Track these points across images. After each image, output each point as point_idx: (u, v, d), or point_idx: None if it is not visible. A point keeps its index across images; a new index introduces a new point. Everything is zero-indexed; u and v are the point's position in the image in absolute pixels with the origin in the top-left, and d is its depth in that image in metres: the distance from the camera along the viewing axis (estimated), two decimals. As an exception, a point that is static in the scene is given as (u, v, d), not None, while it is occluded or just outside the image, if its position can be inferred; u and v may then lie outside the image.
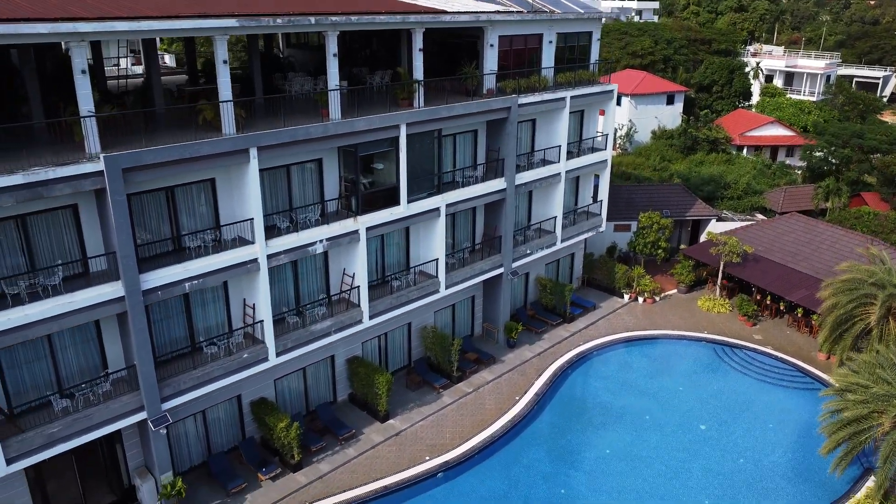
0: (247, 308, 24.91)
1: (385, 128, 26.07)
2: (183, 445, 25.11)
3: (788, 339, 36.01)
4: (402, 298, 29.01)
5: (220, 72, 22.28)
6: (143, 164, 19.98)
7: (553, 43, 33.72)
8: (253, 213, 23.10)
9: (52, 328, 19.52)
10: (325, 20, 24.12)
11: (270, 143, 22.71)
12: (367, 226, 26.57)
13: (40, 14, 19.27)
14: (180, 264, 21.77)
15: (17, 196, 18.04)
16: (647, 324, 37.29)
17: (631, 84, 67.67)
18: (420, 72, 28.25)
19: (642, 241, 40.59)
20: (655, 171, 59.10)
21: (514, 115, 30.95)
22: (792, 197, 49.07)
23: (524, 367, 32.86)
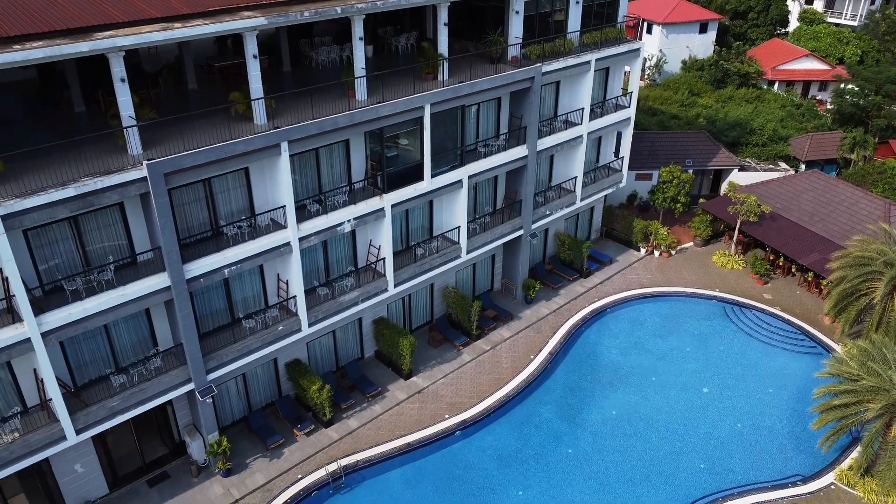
0: (280, 283, 26.73)
1: (410, 109, 26.75)
2: (226, 403, 27.70)
3: (798, 299, 37.25)
4: (425, 266, 30.60)
5: (250, 65, 23.03)
6: (182, 168, 21.24)
7: (580, 3, 33.32)
8: (285, 201, 24.45)
9: (108, 318, 21.53)
10: (351, 8, 24.43)
11: (300, 137, 23.72)
12: (392, 203, 27.83)
13: (76, 19, 20.07)
14: (219, 252, 23.42)
15: (70, 207, 19.57)
16: (661, 279, 38.67)
17: (663, 12, 65.61)
18: (445, 45, 28.58)
19: (661, 196, 41.24)
20: (682, 108, 58.47)
21: (538, 84, 31.22)
22: (818, 144, 48.74)
23: (540, 325, 34.73)
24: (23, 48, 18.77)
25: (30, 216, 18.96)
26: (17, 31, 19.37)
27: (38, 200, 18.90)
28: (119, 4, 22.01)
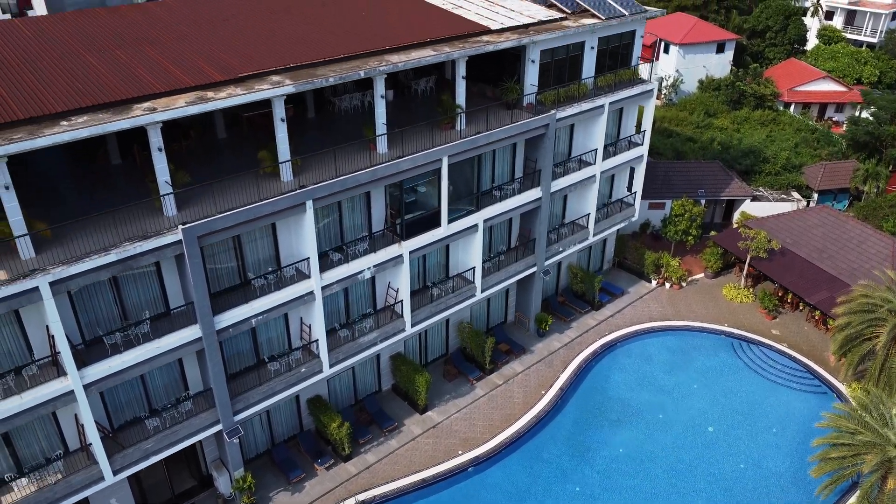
0: (303, 326, 28.13)
1: (428, 162, 27.95)
2: (250, 437, 29.19)
3: (805, 335, 38.07)
4: (441, 305, 31.85)
5: (277, 128, 24.36)
6: (215, 230, 22.64)
7: (595, 48, 34.28)
8: (309, 252, 25.80)
9: (144, 369, 23.05)
10: (374, 70, 25.66)
11: (324, 195, 25.03)
12: (410, 250, 29.09)
13: (117, 91, 21.49)
14: (247, 304, 24.84)
15: (111, 270, 21.03)
16: (671, 312, 39.64)
17: (680, 32, 66.12)
18: (462, 97, 29.75)
19: (673, 229, 42.14)
20: (698, 129, 59.20)
21: (553, 130, 32.27)
22: (831, 173, 49.30)
23: (551, 359, 35.89)
24: (69, 124, 20.27)
25: (75, 281, 20.46)
26: (63, 107, 20.85)
27: (83, 267, 20.38)
28: (156, 72, 23.42)
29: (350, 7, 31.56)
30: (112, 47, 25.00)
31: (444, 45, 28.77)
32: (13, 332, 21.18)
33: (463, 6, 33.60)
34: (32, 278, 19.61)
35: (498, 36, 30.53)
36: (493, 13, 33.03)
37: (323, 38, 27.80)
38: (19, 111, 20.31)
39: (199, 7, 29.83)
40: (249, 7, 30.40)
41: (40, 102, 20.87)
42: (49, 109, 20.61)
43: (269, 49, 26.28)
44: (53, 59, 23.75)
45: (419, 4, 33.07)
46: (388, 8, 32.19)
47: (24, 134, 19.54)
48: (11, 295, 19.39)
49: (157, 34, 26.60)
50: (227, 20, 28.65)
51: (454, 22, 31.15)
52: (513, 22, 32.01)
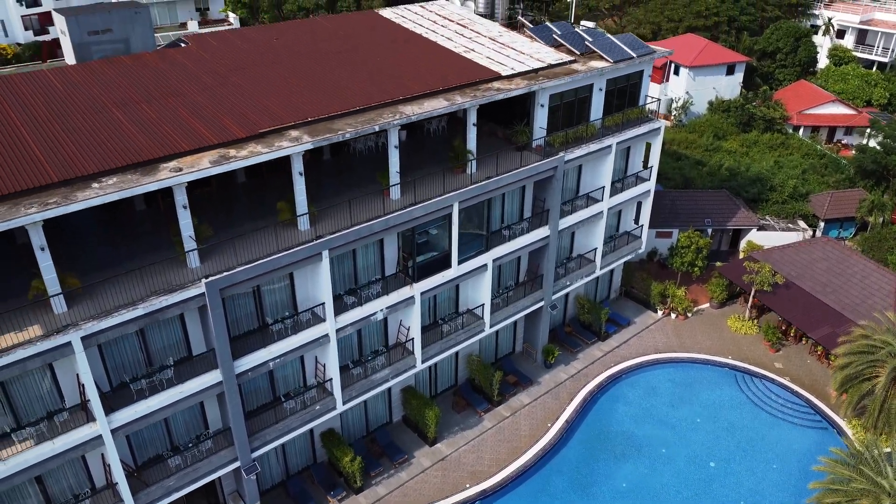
0: (318, 365, 29.25)
1: (440, 208, 28.97)
2: (266, 469, 30.32)
3: (808, 369, 38.80)
4: (451, 342, 32.90)
5: (296, 181, 25.47)
6: (236, 282, 23.78)
7: (603, 90, 35.16)
8: (324, 298, 26.91)
9: (168, 413, 24.24)
10: (388, 124, 26.72)
11: (340, 244, 26.13)
12: (421, 291, 30.14)
13: (144, 151, 22.67)
14: (265, 348, 25.98)
15: (139, 323, 22.22)
16: (676, 343, 40.46)
17: (690, 54, 66.72)
18: (473, 143, 30.75)
19: (679, 260, 42.94)
20: (707, 152, 59.88)
21: (561, 172, 33.20)
22: (838, 202, 49.85)
23: (558, 391, 36.84)
24: (100, 186, 21.47)
25: (104, 334, 21.66)
26: (94, 169, 22.07)
27: (112, 321, 21.57)
28: (180, 129, 24.59)
29: (365, 53, 32.60)
30: (138, 101, 26.19)
31: (455, 94, 29.77)
32: (46, 380, 22.42)
33: (475, 49, 34.58)
34: (65, 334, 20.82)
35: (508, 82, 31.50)
36: (503, 56, 33.98)
37: (339, 88, 28.85)
38: (54, 174, 21.55)
39: (218, 54, 30.97)
40: (266, 54, 31.49)
41: (73, 164, 22.07)
42: (81, 171, 21.83)
43: (288, 101, 27.37)
44: (84, 114, 24.97)
45: (432, 49, 34.06)
46: (401, 53, 33.19)
47: (59, 198, 20.76)
48: (46, 350, 20.61)
49: (180, 85, 27.78)
50: (245, 69, 29.76)
51: (466, 68, 32.10)
52: (523, 67, 32.94)
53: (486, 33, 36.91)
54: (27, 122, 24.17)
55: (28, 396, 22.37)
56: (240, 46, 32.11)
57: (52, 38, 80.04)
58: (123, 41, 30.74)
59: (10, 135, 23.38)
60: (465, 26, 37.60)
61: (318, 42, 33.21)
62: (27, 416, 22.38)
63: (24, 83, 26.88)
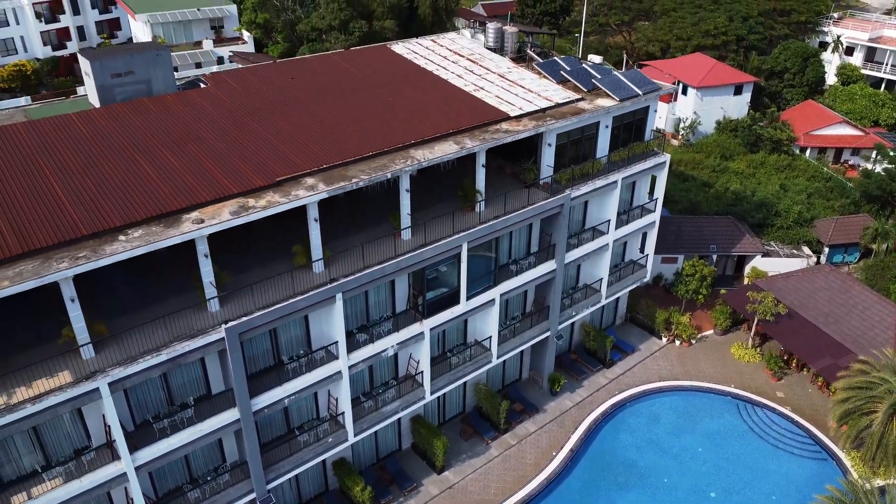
0: (331, 398, 30.34)
1: (450, 249, 29.97)
2: (279, 498, 31.34)
3: (809, 398, 39.56)
4: (459, 373, 33.92)
5: (311, 227, 26.54)
6: (254, 327, 24.90)
7: (609, 127, 36.02)
8: (337, 337, 28.01)
9: (189, 450, 25.41)
10: (399, 171, 27.77)
11: (353, 287, 27.20)
12: (430, 327, 31.18)
13: (168, 201, 23.80)
14: (281, 386, 27.09)
15: (162, 368, 23.38)
16: (679, 371, 41.31)
17: (698, 75, 67.41)
18: (482, 183, 31.72)
19: (684, 288, 43.77)
20: (714, 173, 60.60)
21: (567, 209, 34.13)
22: (842, 228, 50.49)
23: (563, 418, 37.78)
24: (126, 239, 22.64)
25: (130, 380, 22.82)
26: (120, 221, 23.23)
27: (137, 367, 22.73)
28: (202, 178, 25.72)
29: (378, 93, 33.60)
30: (161, 148, 27.34)
31: (465, 137, 30.76)
32: (74, 421, 23.61)
33: (484, 87, 35.55)
34: (93, 380, 22.00)
35: (517, 123, 32.46)
36: (512, 95, 34.92)
37: (352, 132, 29.88)
38: (84, 227, 22.72)
39: (235, 95, 32.05)
40: (281, 94, 32.56)
41: (101, 216, 23.24)
42: (108, 224, 22.99)
43: (303, 146, 28.43)
44: (110, 163, 26.16)
45: (442, 87, 35.04)
46: (413, 93, 34.15)
47: (88, 251, 21.94)
48: (75, 396, 21.80)
49: (200, 130, 28.91)
50: (262, 112, 30.82)
51: (475, 108, 33.05)
52: (531, 106, 33.87)
53: (495, 69, 37.87)
54: (57, 172, 25.37)
55: (57, 436, 23.59)
56: (256, 87, 33.20)
57: (70, 52, 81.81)
58: (145, 82, 31.83)
59: (41, 185, 24.58)
60: (474, 62, 38.58)
61: (331, 82, 34.25)
62: (56, 455, 23.57)
63: (53, 130, 28.11)
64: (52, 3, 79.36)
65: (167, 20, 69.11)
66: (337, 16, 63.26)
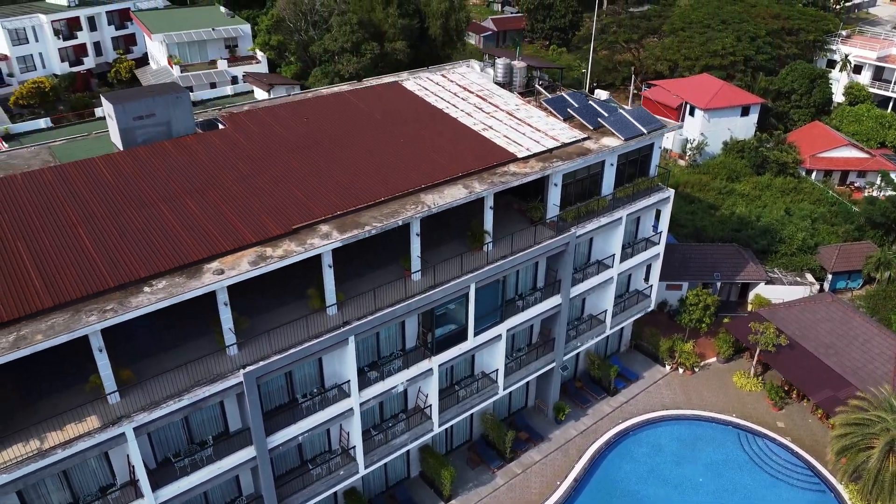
0: (342, 432, 31.49)
1: (458, 289, 31.04)
2: (292, 527, 32.70)
3: (809, 429, 40.38)
4: (467, 405, 35.00)
5: (325, 273, 27.68)
6: (271, 371, 26.07)
7: (614, 165, 36.97)
8: (349, 376, 29.14)
9: (207, 487, 26.62)
10: (410, 218, 28.85)
11: (365, 330, 28.33)
12: (439, 363, 32.27)
13: (190, 252, 24.98)
14: (295, 424, 28.27)
15: (184, 412, 24.58)
16: (682, 400, 42.22)
17: (705, 96, 68.14)
18: (490, 224, 32.77)
19: (688, 317, 44.66)
20: (720, 195, 61.37)
21: (573, 247, 35.13)
22: (846, 255, 51.16)
23: (567, 447, 38.79)
24: (151, 291, 23.85)
25: (153, 424, 24.03)
26: (145, 272, 24.45)
27: (160, 412, 23.95)
28: (222, 227, 26.90)
29: (389, 134, 34.65)
30: (182, 194, 28.56)
31: (474, 180, 31.79)
32: (100, 461, 24.86)
33: (492, 126, 36.58)
34: (119, 426, 23.22)
35: (524, 164, 33.48)
36: (519, 134, 35.90)
37: (364, 177, 30.93)
38: (110, 279, 23.95)
39: (252, 137, 33.22)
40: (295, 135, 33.68)
41: (127, 268, 24.45)
42: (134, 276, 24.21)
43: (317, 192, 29.54)
44: (134, 210, 27.38)
45: (452, 126, 36.08)
46: (423, 134, 35.13)
47: (115, 304, 23.16)
48: (102, 441, 23.03)
49: (218, 174, 30.11)
50: (277, 155, 31.96)
51: (484, 149, 34.07)
52: (538, 147, 34.88)
53: (503, 107, 38.89)
54: (84, 221, 26.61)
55: (83, 475, 24.82)
56: (272, 128, 34.33)
57: (87, 68, 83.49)
58: (165, 124, 33.02)
59: (70, 235, 25.80)
60: (483, 98, 39.60)
61: (344, 123, 35.35)
62: (83, 494, 24.81)
63: (79, 175, 29.37)
64: (71, 21, 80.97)
65: (182, 40, 70.45)
66: (349, 38, 64.42)
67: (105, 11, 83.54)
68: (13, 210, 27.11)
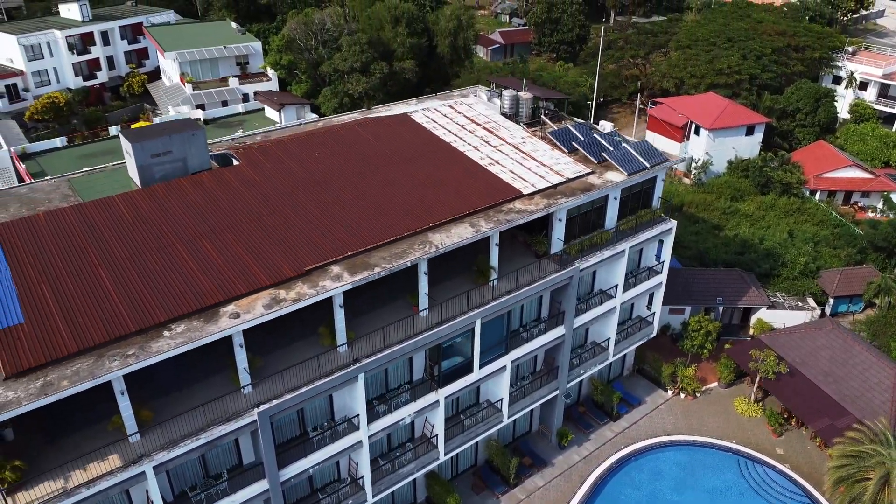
0: (351, 462, 32.53)
1: (464, 325, 32.02)
2: (302, 551, 33.76)
3: (808, 455, 41.17)
4: (472, 434, 35.99)
5: (336, 313, 28.69)
6: (284, 409, 27.12)
7: (618, 199, 37.84)
8: (359, 410, 30.17)
9: (222, 520, 27.71)
10: (418, 259, 29.83)
11: (374, 367, 29.36)
12: (445, 395, 33.26)
13: (207, 295, 26.05)
14: (306, 457, 29.32)
15: (201, 450, 25.66)
16: (683, 425, 43.07)
17: (711, 116, 68.84)
18: (496, 260, 33.70)
19: (690, 343, 45.49)
20: (724, 216, 62.12)
21: (576, 280, 36.03)
22: (847, 279, 51.84)
23: (570, 473, 39.72)
24: (170, 335, 24.91)
25: (172, 462, 25.12)
26: (164, 317, 25.51)
27: (179, 451, 25.03)
28: (238, 269, 27.93)
29: (398, 170, 35.61)
30: (198, 235, 29.61)
31: (480, 219, 32.70)
32: (121, 497, 25.93)
33: (499, 161, 37.49)
34: (140, 465, 24.31)
35: (529, 201, 34.38)
36: (525, 169, 36.78)
37: (374, 216, 31.87)
38: (132, 323, 25.02)
39: (265, 173, 34.25)
40: (307, 170, 34.69)
41: (147, 312, 25.51)
42: (154, 320, 25.28)
43: (329, 232, 30.53)
44: (153, 252, 28.44)
45: (459, 161, 37.00)
46: (431, 169, 36.04)
47: (136, 349, 24.22)
48: (124, 480, 24.13)
49: (234, 214, 31.13)
50: (289, 193, 32.96)
51: (490, 186, 34.96)
52: (543, 182, 35.76)
53: (510, 140, 39.80)
54: (105, 263, 27.70)
55: (104, 509, 25.96)
56: (284, 163, 35.33)
57: (100, 82, 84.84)
58: (181, 160, 34.09)
59: (92, 279, 26.87)
60: (490, 131, 40.52)
61: (354, 157, 36.35)
62: (104, 527, 25.94)
63: (99, 213, 30.49)
64: (85, 36, 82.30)
65: (195, 58, 71.64)
66: (358, 58, 65.42)
67: (118, 26, 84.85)
68: (37, 252, 28.22)
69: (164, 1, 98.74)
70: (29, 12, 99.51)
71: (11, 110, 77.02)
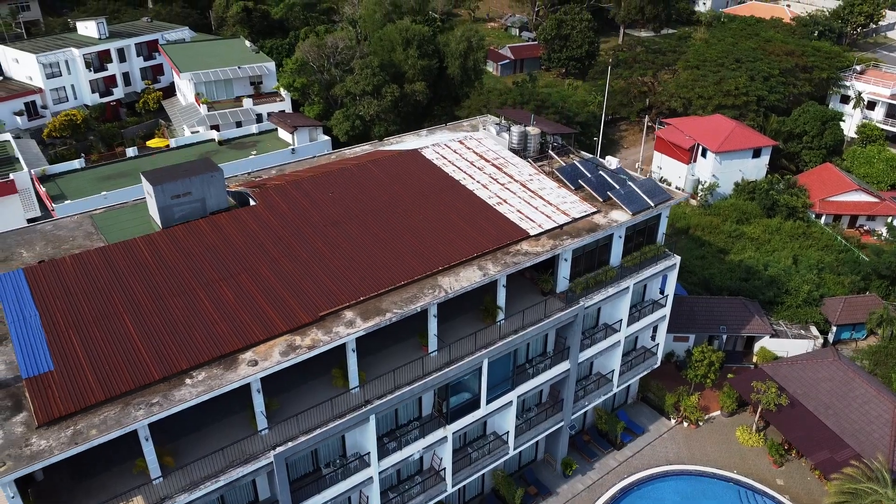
0: (362, 496, 33.73)
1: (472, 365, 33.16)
2: (314, 579, 34.99)
3: (807, 487, 42.06)
4: (479, 466, 37.13)
5: (349, 356, 29.89)
6: (298, 451, 28.35)
7: (622, 237, 38.84)
8: (370, 448, 31.37)
9: (239, 556, 28.99)
10: (427, 304, 30.97)
11: (385, 408, 30.54)
12: (453, 431, 34.42)
13: (226, 342, 27.29)
14: (319, 494, 30.53)
15: (219, 491, 26.93)
16: (685, 455, 44.04)
17: (717, 139, 69.60)
18: (503, 300, 34.80)
19: (693, 373, 46.42)
20: (729, 239, 62.92)
21: (581, 318, 37.08)
22: (850, 308, 52.61)
23: (574, 502, 40.77)
24: (192, 384, 26.18)
25: (193, 503, 26.41)
26: (186, 365, 26.79)
27: (200, 493, 26.28)
28: (255, 314, 29.17)
29: (409, 211, 36.70)
30: (217, 279, 30.86)
31: (488, 262, 33.80)
32: (142, 534, 27.32)
33: (507, 199, 38.56)
34: (163, 508, 25.63)
35: (535, 242, 35.44)
36: (532, 209, 37.82)
37: (385, 259, 33.03)
38: (155, 371, 26.31)
39: (280, 214, 35.41)
40: (320, 216, 35.75)
41: (170, 360, 26.79)
42: (176, 367, 26.56)
43: (341, 276, 31.69)
44: (175, 297, 29.71)
45: (467, 200, 38.06)
46: (441, 209, 37.07)
47: (160, 397, 25.50)
48: (148, 523, 25.46)
49: (251, 257, 32.33)
50: (303, 235, 34.14)
51: (497, 227, 36.00)
52: (550, 223, 36.80)
53: (517, 177, 40.85)
54: (128, 308, 28.98)
55: (128, 546, 27.25)
56: (299, 203, 36.49)
57: (116, 98, 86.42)
58: (200, 201, 35.42)
59: (117, 324, 28.16)
60: (499, 168, 41.58)
61: (366, 197, 37.45)
62: (126, 564, 27.25)
63: (121, 256, 31.77)
64: (102, 53, 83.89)
65: (210, 79, 73.06)
66: (370, 81, 66.62)
67: (134, 43, 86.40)
68: (64, 296, 29.53)
69: (179, 17, 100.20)
70: (47, 28, 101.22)
71: (30, 127, 78.73)
